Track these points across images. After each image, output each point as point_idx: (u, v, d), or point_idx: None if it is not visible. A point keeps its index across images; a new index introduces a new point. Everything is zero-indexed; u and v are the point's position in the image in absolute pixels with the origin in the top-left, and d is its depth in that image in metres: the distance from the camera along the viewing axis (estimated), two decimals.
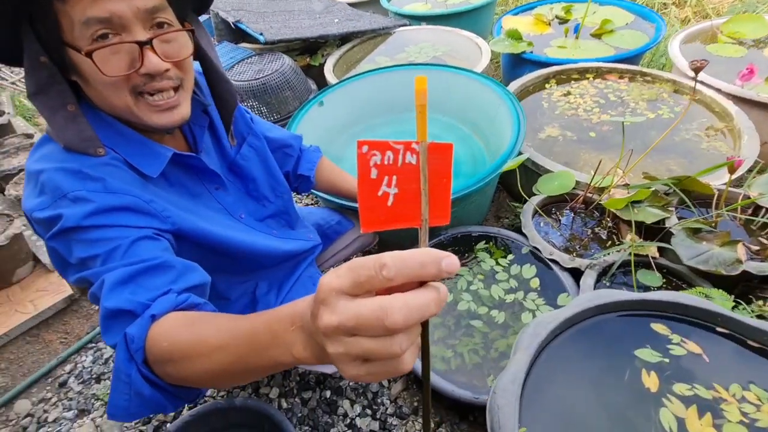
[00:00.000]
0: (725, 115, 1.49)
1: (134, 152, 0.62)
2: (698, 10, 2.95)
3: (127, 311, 0.49)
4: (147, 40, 0.54)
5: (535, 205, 1.24)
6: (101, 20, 0.51)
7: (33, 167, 0.57)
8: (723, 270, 0.94)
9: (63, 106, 0.55)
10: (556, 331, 0.72)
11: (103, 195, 0.55)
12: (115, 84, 0.54)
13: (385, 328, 0.27)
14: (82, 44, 0.52)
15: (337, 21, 2.43)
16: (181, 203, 0.67)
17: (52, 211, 0.53)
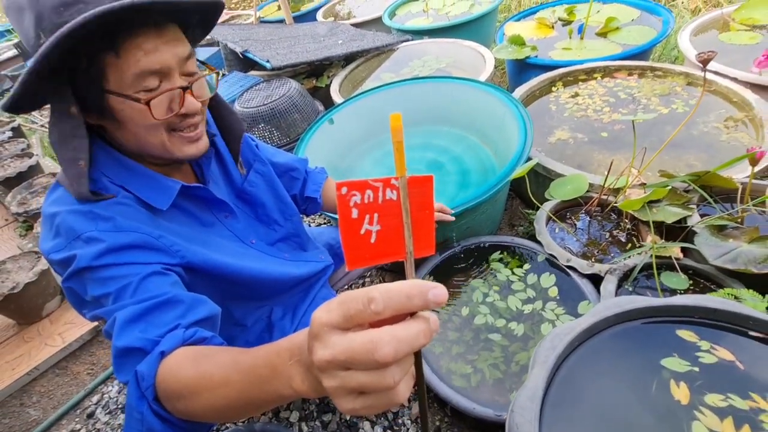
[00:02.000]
0: (744, 105, 1.44)
1: (144, 187, 0.64)
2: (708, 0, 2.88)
3: (138, 349, 0.51)
4: (188, 85, 0.60)
5: (548, 212, 1.21)
6: (153, 71, 0.56)
7: (48, 210, 0.60)
8: (753, 268, 0.88)
9: (75, 161, 0.57)
10: (574, 342, 0.69)
11: (114, 234, 0.58)
12: (155, 125, 0.59)
13: (375, 362, 0.27)
14: (130, 92, 0.55)
15: (341, 42, 2.48)
16: (191, 235, 0.69)
17: (67, 252, 0.56)
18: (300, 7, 3.79)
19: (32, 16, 0.51)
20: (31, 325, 1.49)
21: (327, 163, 1.53)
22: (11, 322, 1.51)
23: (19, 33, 0.55)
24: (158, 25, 0.55)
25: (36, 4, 0.51)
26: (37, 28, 0.52)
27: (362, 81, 2.22)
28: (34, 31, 0.52)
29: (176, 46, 0.58)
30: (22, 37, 0.55)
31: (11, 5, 0.53)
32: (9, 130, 2.63)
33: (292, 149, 1.75)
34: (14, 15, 0.54)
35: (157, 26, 0.55)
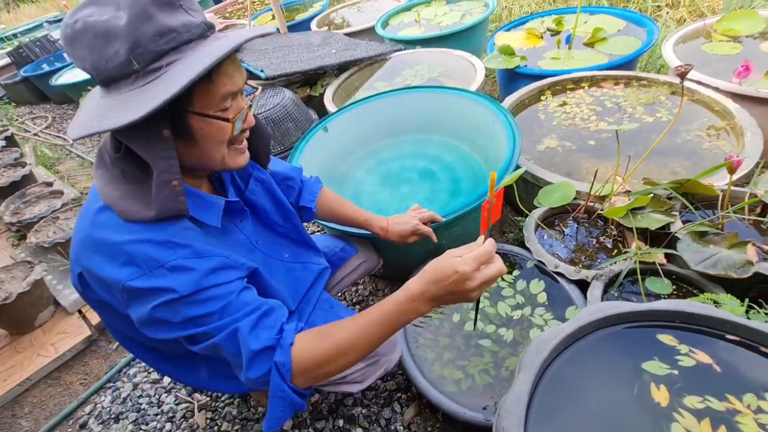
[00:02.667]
0: (726, 114, 1.48)
1: (197, 207, 0.70)
2: (693, 10, 2.95)
3: (269, 347, 0.64)
4: (251, 103, 0.70)
5: (536, 219, 1.23)
6: (233, 93, 0.63)
7: (103, 236, 0.62)
8: (733, 273, 0.91)
9: (168, 182, 0.60)
10: (559, 347, 0.71)
11: (198, 260, 0.64)
12: (224, 140, 0.66)
13: (497, 276, 0.67)
14: (213, 112, 0.62)
15: (334, 51, 2.51)
16: (232, 246, 0.76)
17: (151, 281, 0.60)
18: (294, 17, 3.84)
19: (127, 44, 0.54)
20: (24, 335, 1.49)
21: (321, 170, 1.56)
22: (3, 333, 1.51)
23: (86, 57, 0.56)
24: (232, 55, 0.63)
25: (134, 33, 0.54)
26: (130, 54, 0.54)
27: (356, 90, 2.25)
28: (126, 56, 0.54)
29: (242, 71, 0.65)
30: (92, 61, 0.56)
31: (95, 30, 0.54)
32: (2, 139, 2.62)
33: (286, 157, 1.77)
34: (95, 40, 0.55)
35: (231, 56, 0.62)
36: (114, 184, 0.64)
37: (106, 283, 0.63)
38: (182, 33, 0.57)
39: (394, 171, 1.69)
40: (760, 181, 1.10)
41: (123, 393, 1.32)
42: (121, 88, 0.57)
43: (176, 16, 0.57)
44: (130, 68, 0.55)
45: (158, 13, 0.55)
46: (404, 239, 1.08)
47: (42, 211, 1.87)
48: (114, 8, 0.55)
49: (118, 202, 0.62)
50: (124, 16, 0.53)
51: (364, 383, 0.97)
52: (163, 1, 0.56)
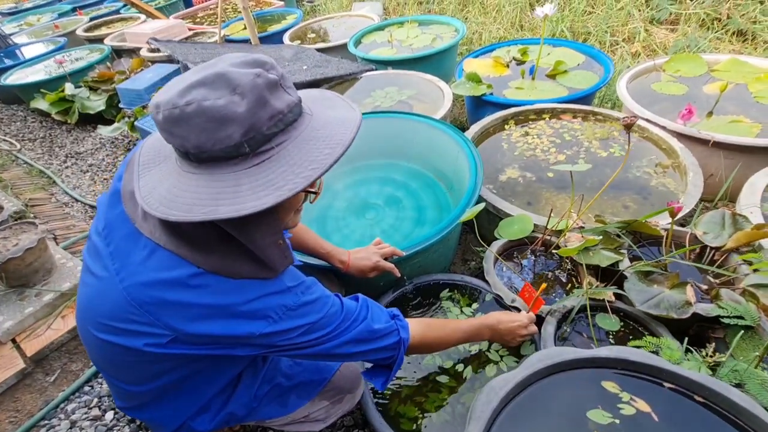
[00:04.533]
0: (672, 152, 1.58)
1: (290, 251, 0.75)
2: (646, 45, 3.16)
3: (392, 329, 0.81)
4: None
5: (495, 252, 1.26)
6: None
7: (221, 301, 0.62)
8: (674, 314, 0.96)
9: (276, 243, 0.65)
10: (509, 396, 0.72)
11: (312, 288, 0.72)
12: (297, 206, 0.71)
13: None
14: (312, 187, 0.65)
15: (305, 68, 2.50)
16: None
17: (287, 323, 0.67)
18: (267, 28, 3.80)
19: (242, 129, 0.54)
20: None
21: None
22: None
23: (194, 137, 0.54)
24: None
25: (252, 117, 0.54)
26: (243, 138, 0.54)
27: None
28: (239, 140, 0.54)
29: None
30: (202, 139, 0.54)
31: (211, 115, 0.53)
32: None
33: None
34: (206, 123, 0.53)
35: None
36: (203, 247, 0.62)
37: (229, 339, 0.65)
38: (287, 114, 0.57)
39: (360, 196, 1.68)
40: (700, 222, 1.18)
41: (59, 430, 1.22)
42: (222, 168, 0.56)
43: (282, 98, 0.57)
44: (240, 151, 0.55)
45: (271, 97, 0.55)
46: (364, 274, 1.07)
47: None
48: (228, 92, 0.53)
49: (223, 264, 0.62)
50: (243, 103, 0.53)
51: (327, 421, 0.96)
52: (272, 83, 0.56)
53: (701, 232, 1.15)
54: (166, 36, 3.50)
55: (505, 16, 3.57)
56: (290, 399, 0.90)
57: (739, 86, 1.88)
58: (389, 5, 4.32)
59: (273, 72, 0.57)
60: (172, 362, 0.70)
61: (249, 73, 0.53)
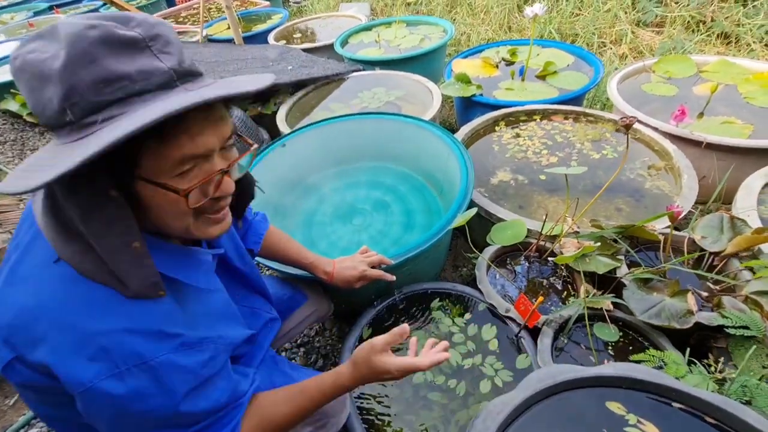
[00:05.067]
0: (664, 154, 1.55)
1: (184, 268, 0.59)
2: (633, 47, 3.17)
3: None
4: (228, 168, 0.54)
5: (487, 260, 1.20)
6: (196, 156, 0.50)
7: (86, 329, 0.48)
8: (676, 324, 0.92)
9: (127, 245, 0.49)
10: (508, 419, 0.66)
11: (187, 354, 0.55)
12: (182, 212, 0.53)
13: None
14: (165, 179, 0.49)
15: (291, 68, 2.42)
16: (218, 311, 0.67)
17: (129, 382, 0.50)
18: (252, 27, 3.71)
19: (60, 90, 0.43)
20: None
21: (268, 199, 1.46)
22: None
23: (27, 99, 0.46)
24: (209, 106, 0.49)
25: (69, 76, 0.43)
26: (64, 102, 0.43)
27: (311, 110, 2.16)
28: (59, 104, 0.44)
29: (222, 126, 0.52)
30: (30, 103, 0.46)
31: (33, 70, 0.44)
32: None
33: None
34: (31, 81, 0.45)
35: (207, 107, 0.48)
36: (65, 228, 0.50)
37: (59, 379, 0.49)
38: (136, 82, 0.45)
39: (347, 200, 1.61)
40: (698, 226, 1.14)
41: None
42: (60, 139, 0.46)
43: (135, 61, 0.45)
44: (64, 119, 0.45)
45: (107, 56, 0.44)
46: (350, 285, 1.01)
47: None
48: (59, 46, 0.43)
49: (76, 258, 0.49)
50: (61, 57, 0.43)
51: None
52: (119, 41, 0.44)
53: (699, 237, 1.12)
54: None
55: (494, 18, 3.55)
56: None
57: (729, 87, 1.87)
58: (377, 6, 4.27)
59: (134, 29, 0.46)
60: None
61: (82, 24, 0.43)
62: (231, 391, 0.62)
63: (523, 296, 1.02)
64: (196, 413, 0.57)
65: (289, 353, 1.34)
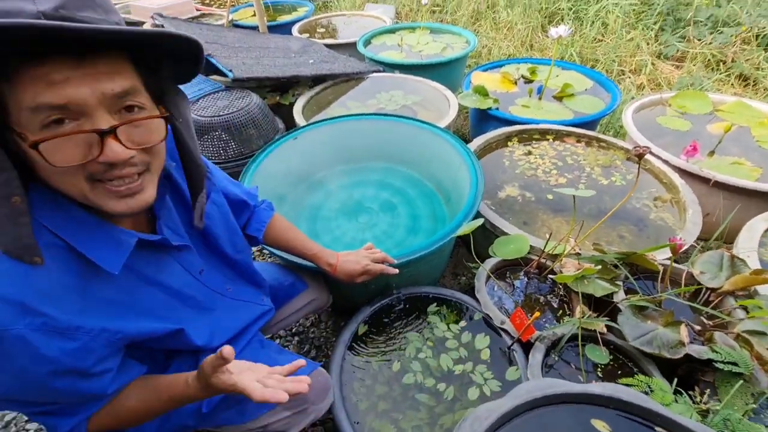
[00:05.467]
0: (672, 187, 1.57)
1: (90, 242, 0.55)
2: (652, 78, 3.19)
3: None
4: (110, 129, 0.48)
5: (488, 270, 1.22)
6: (54, 107, 0.45)
7: None
8: (666, 353, 0.94)
9: (5, 198, 0.46)
10: (494, 426, 0.68)
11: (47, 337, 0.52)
12: (66, 172, 0.48)
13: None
14: (27, 131, 0.45)
15: (312, 62, 2.45)
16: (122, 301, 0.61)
17: None
18: (277, 17, 3.74)
19: None
20: None
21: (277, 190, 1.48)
22: None
23: None
24: (80, 55, 0.46)
25: None
26: None
27: (328, 105, 2.19)
28: None
29: (102, 81, 0.47)
30: None
31: None
32: None
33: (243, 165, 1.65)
34: None
35: (79, 55, 0.46)
36: None
37: None
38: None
39: (355, 198, 1.63)
40: (698, 261, 1.16)
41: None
42: None
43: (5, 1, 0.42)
44: None
45: None
46: (352, 279, 1.02)
47: None
48: None
49: None
50: None
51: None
52: None
53: (698, 272, 1.13)
54: (173, 13, 3.42)
55: (516, 34, 3.58)
56: (248, 407, 0.83)
57: (743, 129, 1.89)
58: (402, 10, 4.31)
59: None
60: None
61: None
62: (90, 391, 0.60)
63: (519, 310, 1.03)
64: (44, 396, 0.57)
65: (283, 341, 1.36)
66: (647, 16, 3.45)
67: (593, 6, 3.48)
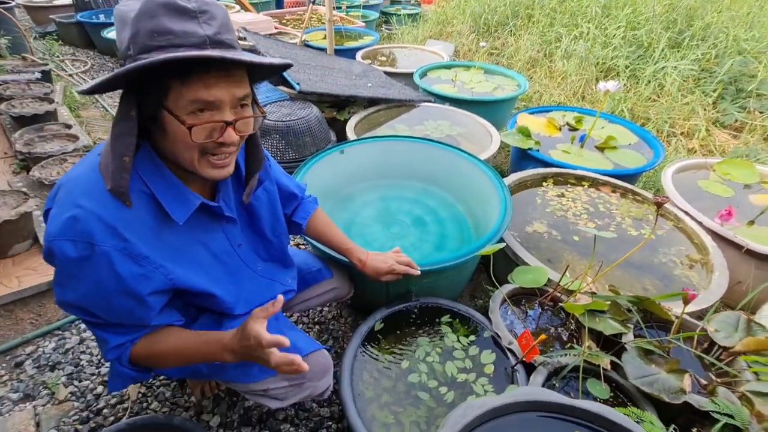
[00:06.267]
0: (703, 248, 1.58)
1: (169, 196, 0.73)
2: (705, 144, 3.16)
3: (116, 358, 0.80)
4: (233, 121, 0.68)
5: (504, 294, 1.29)
6: (206, 102, 0.65)
7: (76, 201, 0.65)
8: (665, 396, 0.97)
9: (120, 156, 0.65)
10: (484, 417, 0.75)
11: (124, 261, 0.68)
12: (190, 144, 0.67)
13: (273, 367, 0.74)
14: (180, 113, 0.65)
15: (370, 85, 2.67)
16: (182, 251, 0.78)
17: (77, 252, 0.65)
18: (344, 42, 4.07)
19: (130, 32, 0.62)
20: None
21: (324, 189, 1.63)
22: None
23: (117, 37, 0.67)
24: (227, 69, 0.65)
25: (136, 24, 0.61)
26: (130, 41, 0.62)
27: (378, 125, 2.37)
28: (127, 42, 0.62)
29: (235, 87, 0.67)
30: (117, 41, 0.67)
31: (120, 16, 0.65)
32: (39, 71, 2.72)
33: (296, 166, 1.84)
34: (119, 23, 0.66)
35: (226, 70, 0.65)
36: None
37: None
38: (178, 37, 0.61)
39: (390, 210, 1.76)
40: (714, 319, 1.18)
41: (68, 344, 1.32)
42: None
43: (183, 23, 0.61)
44: (128, 53, 0.63)
45: (164, 16, 0.60)
46: (379, 276, 1.14)
47: (54, 149, 1.92)
48: (138, 3, 0.62)
49: (103, 167, 0.67)
50: (136, 9, 0.61)
51: (284, 402, 0.98)
52: (175, 7, 0.60)
53: (713, 329, 1.15)
54: (254, 29, 3.82)
55: (570, 84, 3.68)
56: (253, 370, 0.93)
57: None
58: (461, 49, 4.53)
59: (190, 3, 0.61)
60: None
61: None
62: (140, 318, 0.74)
63: (527, 331, 1.10)
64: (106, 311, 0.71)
65: (305, 327, 1.48)
66: (706, 83, 3.45)
67: (651, 66, 3.53)
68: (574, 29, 3.98)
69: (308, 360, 0.95)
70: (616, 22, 3.89)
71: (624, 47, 3.73)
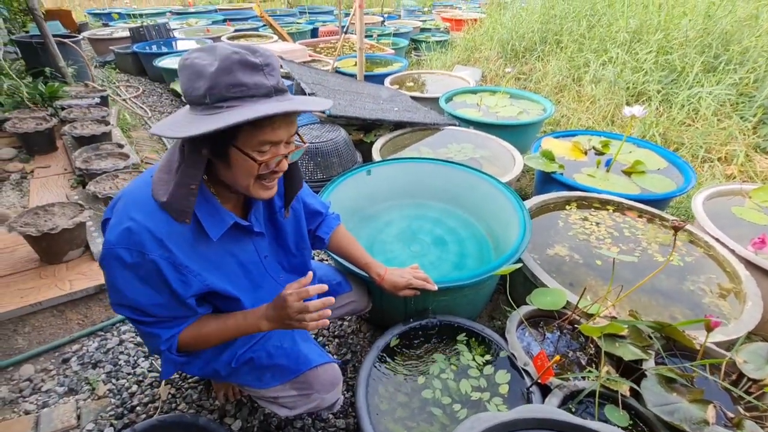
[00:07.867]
0: (735, 277, 1.52)
1: (208, 215, 0.84)
2: (744, 170, 3.03)
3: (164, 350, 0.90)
4: (287, 155, 0.82)
5: (522, 315, 1.30)
6: (273, 142, 0.77)
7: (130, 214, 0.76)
8: (687, 427, 0.94)
9: (188, 184, 0.76)
10: (492, 431, 0.77)
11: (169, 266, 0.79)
12: (250, 173, 0.79)
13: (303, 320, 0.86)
14: (249, 151, 0.76)
15: (396, 109, 2.78)
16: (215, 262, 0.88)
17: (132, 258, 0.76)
18: (374, 69, 4.25)
19: (207, 84, 0.70)
20: (51, 265, 1.67)
21: (348, 207, 1.71)
22: (36, 257, 1.69)
23: (184, 83, 0.74)
24: (289, 114, 0.76)
25: (215, 78, 0.70)
26: (207, 92, 0.71)
27: (403, 147, 2.46)
28: (203, 92, 0.71)
29: (291, 127, 0.79)
30: (185, 86, 0.74)
31: (194, 68, 0.72)
32: (99, 97, 3.01)
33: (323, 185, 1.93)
34: (191, 74, 0.73)
35: (287, 115, 0.76)
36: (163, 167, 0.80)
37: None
38: (250, 89, 0.71)
39: (412, 229, 1.82)
40: (743, 350, 1.13)
41: (109, 344, 1.44)
42: (195, 112, 0.73)
43: (253, 76, 0.71)
44: (203, 101, 0.72)
45: (239, 71, 0.70)
46: (396, 290, 1.18)
47: (107, 166, 2.12)
48: (212, 58, 0.72)
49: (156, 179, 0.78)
50: (214, 66, 0.70)
51: (293, 411, 1.03)
52: (248, 63, 0.71)
53: (742, 360, 1.11)
54: (290, 57, 4.08)
55: (598, 109, 3.65)
56: (265, 376, 1.01)
57: None
58: (488, 74, 4.62)
59: (257, 58, 0.71)
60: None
61: (230, 50, 0.71)
62: (184, 312, 0.86)
63: (542, 352, 1.10)
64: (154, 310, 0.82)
65: (325, 340, 1.53)
66: (745, 108, 3.34)
67: (684, 91, 3.46)
68: (603, 54, 3.98)
69: (317, 372, 1.02)
70: (647, 47, 3.86)
71: (656, 72, 3.69)
